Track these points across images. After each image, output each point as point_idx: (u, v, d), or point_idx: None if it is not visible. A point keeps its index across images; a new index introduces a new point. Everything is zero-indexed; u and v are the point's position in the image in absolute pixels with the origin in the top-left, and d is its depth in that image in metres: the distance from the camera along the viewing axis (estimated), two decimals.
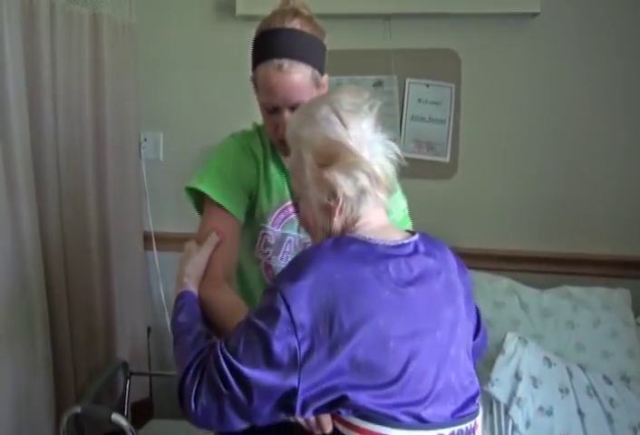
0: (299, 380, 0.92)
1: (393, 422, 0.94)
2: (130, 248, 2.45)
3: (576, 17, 2.20)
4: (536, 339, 1.94)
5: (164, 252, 2.58)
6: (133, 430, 1.78)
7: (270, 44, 1.29)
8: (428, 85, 2.30)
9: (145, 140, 2.53)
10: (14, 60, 1.77)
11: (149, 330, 2.59)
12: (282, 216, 1.37)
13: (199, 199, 1.34)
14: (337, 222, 1.03)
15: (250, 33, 2.57)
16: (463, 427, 1.00)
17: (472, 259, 2.25)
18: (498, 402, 1.78)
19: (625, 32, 2.18)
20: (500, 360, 1.82)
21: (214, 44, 2.42)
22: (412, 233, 1.08)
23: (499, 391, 1.78)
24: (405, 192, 1.45)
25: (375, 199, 1.03)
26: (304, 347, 0.92)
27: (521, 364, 1.81)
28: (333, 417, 0.98)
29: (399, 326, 0.95)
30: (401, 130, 2.32)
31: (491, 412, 1.79)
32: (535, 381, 1.80)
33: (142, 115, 2.47)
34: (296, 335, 0.92)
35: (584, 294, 2.10)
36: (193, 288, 1.19)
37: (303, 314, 0.92)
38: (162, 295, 2.60)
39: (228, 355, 0.94)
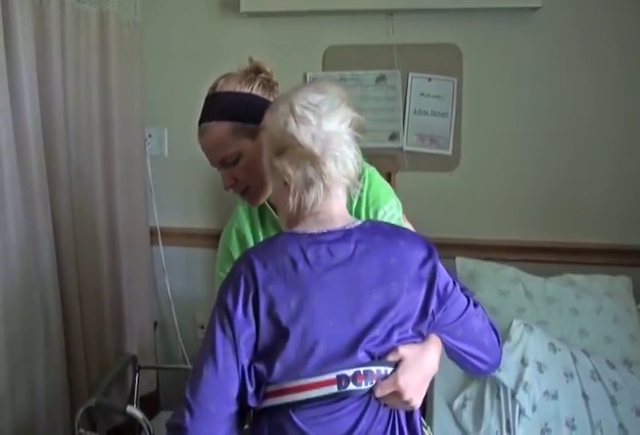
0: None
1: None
2: (136, 244, 2.47)
3: (576, 11, 2.23)
4: (541, 325, 1.98)
5: (170, 247, 2.61)
6: (147, 421, 1.81)
7: None
8: (430, 79, 2.33)
9: (150, 136, 2.55)
10: (26, 58, 1.79)
11: (155, 324, 2.62)
12: None
13: None
14: (291, 204, 1.14)
15: (254, 30, 2.61)
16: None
17: (476, 250, 2.31)
18: (505, 387, 1.82)
19: (625, 25, 2.21)
20: (507, 346, 1.85)
21: (218, 41, 2.44)
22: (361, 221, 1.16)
23: (506, 376, 1.82)
24: (408, 185, 1.47)
25: (326, 191, 1.12)
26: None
27: (527, 350, 1.85)
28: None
29: (317, 306, 1.05)
30: (404, 124, 2.35)
31: (498, 397, 1.83)
32: (540, 367, 1.84)
33: (147, 112, 2.48)
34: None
35: (586, 281, 2.14)
36: None
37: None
38: (168, 290, 2.61)
39: None
